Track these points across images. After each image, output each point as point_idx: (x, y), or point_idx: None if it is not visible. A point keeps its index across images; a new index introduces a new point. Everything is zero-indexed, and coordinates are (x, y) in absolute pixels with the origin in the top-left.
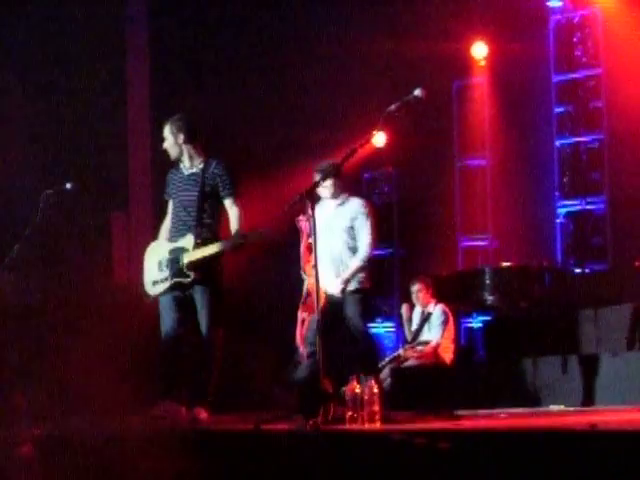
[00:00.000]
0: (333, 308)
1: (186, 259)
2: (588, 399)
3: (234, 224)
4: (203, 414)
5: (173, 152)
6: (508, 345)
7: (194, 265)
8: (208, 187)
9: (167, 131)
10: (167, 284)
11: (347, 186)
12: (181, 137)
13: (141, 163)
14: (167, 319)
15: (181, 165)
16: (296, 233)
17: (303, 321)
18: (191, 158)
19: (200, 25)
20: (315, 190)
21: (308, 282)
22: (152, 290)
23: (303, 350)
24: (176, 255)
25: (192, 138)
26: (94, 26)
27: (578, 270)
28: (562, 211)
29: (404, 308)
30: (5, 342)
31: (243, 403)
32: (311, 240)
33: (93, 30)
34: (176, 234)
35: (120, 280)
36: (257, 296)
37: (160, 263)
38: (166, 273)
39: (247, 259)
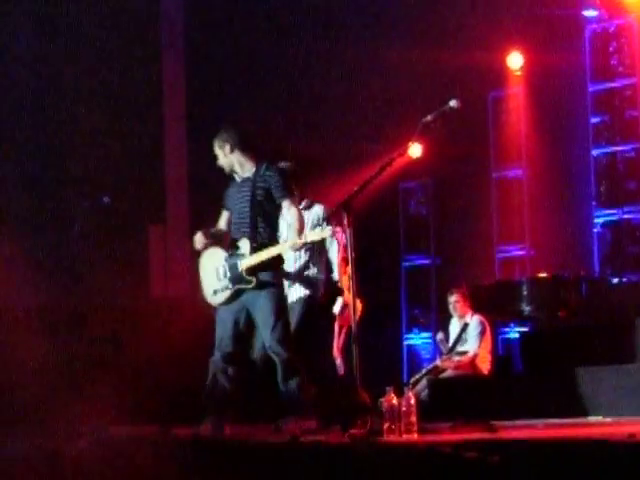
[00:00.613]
0: None
1: (244, 264)
2: (626, 410)
3: (293, 225)
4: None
5: (226, 165)
6: (545, 356)
7: (253, 270)
8: (260, 190)
9: (216, 147)
10: (228, 292)
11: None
12: (227, 148)
13: (177, 176)
14: (223, 334)
15: (235, 176)
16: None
17: (340, 332)
18: (242, 166)
19: (236, 40)
20: (352, 202)
21: (345, 293)
22: (213, 300)
23: (341, 361)
24: (234, 261)
25: (239, 147)
26: (130, 44)
27: (615, 280)
28: (599, 220)
29: (440, 337)
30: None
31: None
32: (347, 252)
33: (129, 46)
34: (234, 241)
35: (157, 293)
36: None
37: (217, 271)
38: (225, 281)
39: None
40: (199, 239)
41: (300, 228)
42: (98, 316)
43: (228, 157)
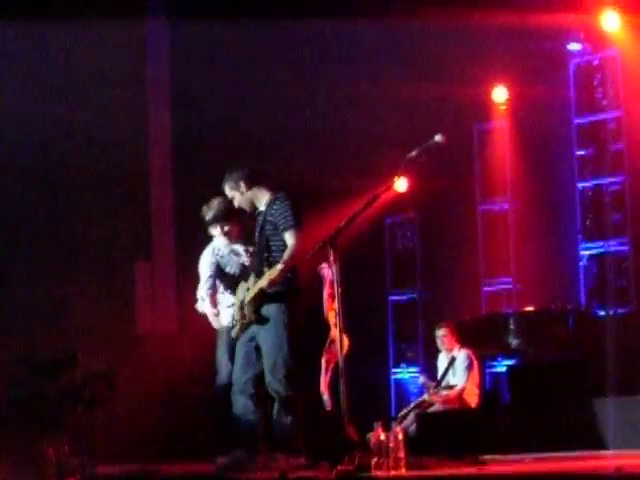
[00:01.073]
0: None
1: (247, 298)
2: (616, 443)
3: (283, 256)
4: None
5: (245, 204)
6: (533, 389)
7: (253, 304)
8: (268, 225)
9: (229, 191)
10: (238, 325)
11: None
12: (242, 186)
13: (163, 212)
14: (235, 367)
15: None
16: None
17: (327, 367)
18: (259, 200)
19: (221, 73)
20: (338, 238)
21: (331, 329)
22: (232, 333)
23: (328, 396)
24: (243, 296)
25: (253, 182)
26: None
27: (602, 312)
28: (585, 253)
29: (422, 380)
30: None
31: None
32: (334, 288)
33: (114, 77)
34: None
35: (144, 329)
36: None
37: (237, 304)
38: (238, 314)
39: None
40: None
41: (286, 263)
42: (89, 354)
43: (246, 195)
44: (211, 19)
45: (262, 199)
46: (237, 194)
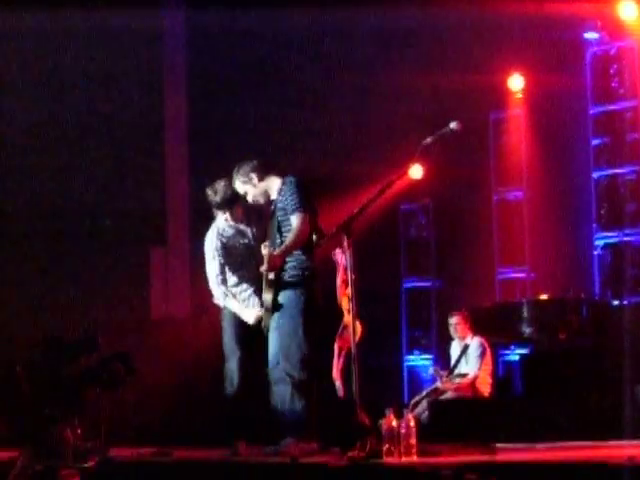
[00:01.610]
0: None
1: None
2: (631, 432)
3: (286, 240)
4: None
5: (260, 196)
6: (546, 378)
7: (269, 292)
8: (280, 211)
9: (241, 186)
10: (264, 314)
11: None
12: (254, 178)
13: (179, 198)
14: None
15: None
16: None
17: (340, 354)
18: (272, 189)
19: (237, 60)
20: (352, 224)
21: (344, 315)
22: (264, 322)
23: (340, 383)
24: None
25: (264, 171)
26: (133, 60)
27: (616, 302)
28: (599, 243)
29: (432, 370)
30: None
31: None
32: (347, 274)
33: (131, 63)
34: None
35: (158, 315)
36: None
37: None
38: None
39: None
40: None
41: (287, 246)
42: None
43: (259, 186)
44: (227, 6)
45: (274, 187)
46: (250, 187)
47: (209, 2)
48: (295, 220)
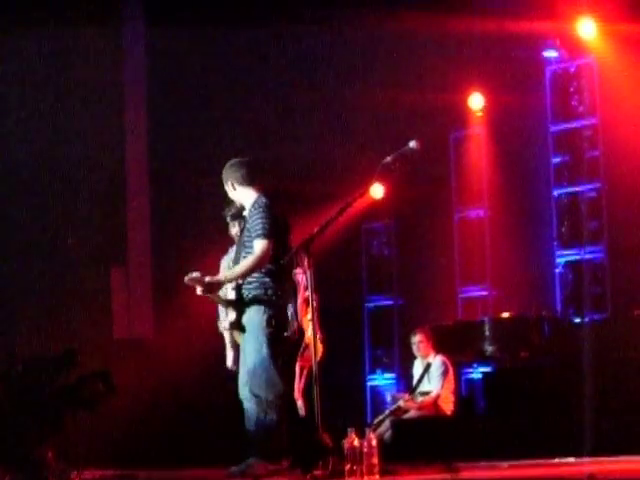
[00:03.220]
0: None
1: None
2: (591, 449)
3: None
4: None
5: (236, 202)
6: (508, 396)
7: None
8: (246, 232)
9: (224, 182)
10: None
11: None
12: (229, 185)
13: (139, 217)
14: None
15: None
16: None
17: (301, 373)
18: (246, 202)
19: (198, 75)
20: (312, 243)
21: (306, 334)
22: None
23: (302, 402)
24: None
25: (242, 183)
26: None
27: (578, 319)
28: (561, 260)
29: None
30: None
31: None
32: (308, 293)
33: (91, 77)
34: None
35: (120, 334)
36: None
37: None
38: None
39: None
40: None
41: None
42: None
43: (234, 194)
44: (187, 25)
45: (248, 200)
46: (229, 192)
47: (169, 21)
48: (257, 245)
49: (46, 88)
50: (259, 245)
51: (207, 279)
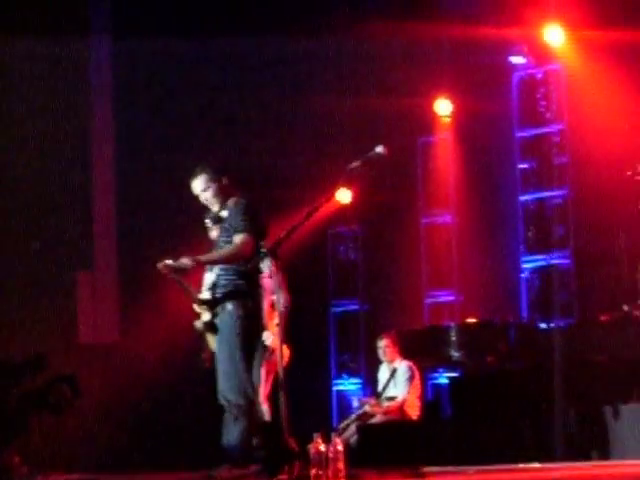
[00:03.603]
0: None
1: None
2: (558, 454)
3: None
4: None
5: (208, 199)
6: (474, 401)
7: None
8: (225, 233)
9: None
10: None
11: None
12: (197, 186)
13: (106, 222)
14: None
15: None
16: None
17: (267, 378)
18: (212, 205)
19: (165, 82)
20: (279, 248)
21: (271, 339)
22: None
23: (267, 407)
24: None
25: (206, 185)
26: (59, 81)
27: (544, 325)
28: (527, 266)
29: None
30: None
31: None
32: (274, 297)
33: (58, 85)
34: None
35: (86, 339)
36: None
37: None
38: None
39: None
40: None
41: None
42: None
43: (201, 195)
44: (154, 36)
45: (214, 205)
46: (202, 187)
47: (136, 30)
48: (237, 238)
49: (13, 94)
50: (241, 238)
51: (182, 260)
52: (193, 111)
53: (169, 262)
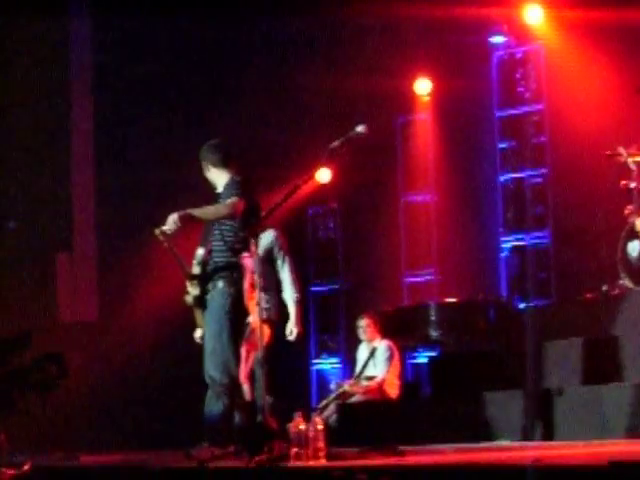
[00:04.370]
0: None
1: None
2: (534, 434)
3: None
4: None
5: (211, 181)
6: (454, 380)
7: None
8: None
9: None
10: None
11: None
12: (204, 166)
13: (85, 202)
14: None
15: None
16: None
17: (247, 357)
18: (218, 183)
19: (144, 61)
20: (259, 228)
21: (252, 319)
22: None
23: (248, 386)
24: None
25: (215, 165)
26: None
27: (523, 304)
28: (506, 246)
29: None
30: None
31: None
32: (255, 277)
33: (37, 66)
34: None
35: (66, 318)
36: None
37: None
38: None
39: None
40: None
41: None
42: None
43: (208, 174)
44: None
45: (220, 182)
46: (204, 167)
47: (115, 12)
48: (228, 200)
49: None
50: (232, 200)
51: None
52: (173, 92)
53: (165, 227)
